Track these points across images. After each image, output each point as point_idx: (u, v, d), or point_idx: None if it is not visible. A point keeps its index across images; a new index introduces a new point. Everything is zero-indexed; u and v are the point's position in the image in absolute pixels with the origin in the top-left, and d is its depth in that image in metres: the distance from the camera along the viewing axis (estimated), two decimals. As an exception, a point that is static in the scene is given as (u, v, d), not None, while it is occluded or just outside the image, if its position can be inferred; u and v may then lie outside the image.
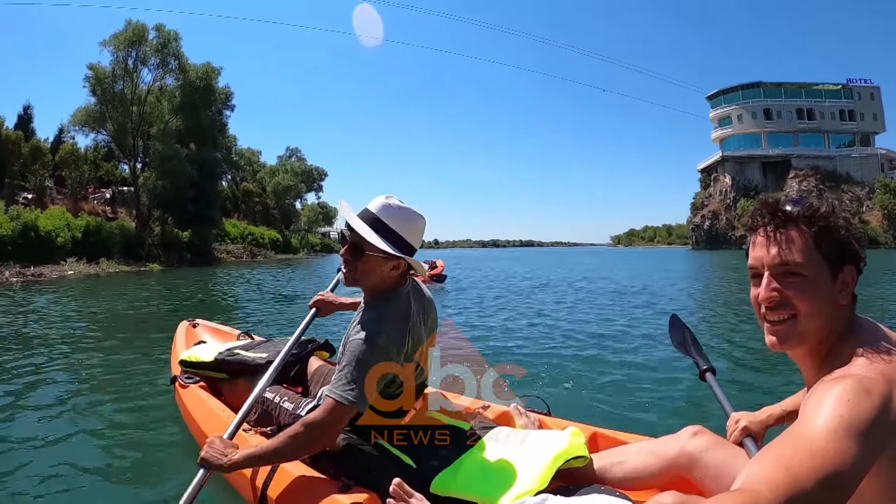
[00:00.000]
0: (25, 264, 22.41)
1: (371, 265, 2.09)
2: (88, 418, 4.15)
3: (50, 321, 9.70)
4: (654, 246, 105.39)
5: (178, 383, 3.25)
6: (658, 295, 13.43)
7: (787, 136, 72.18)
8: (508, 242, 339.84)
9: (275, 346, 3.16)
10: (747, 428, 1.88)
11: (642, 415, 4.04)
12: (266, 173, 66.94)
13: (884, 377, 1.14)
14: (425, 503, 1.77)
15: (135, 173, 36.34)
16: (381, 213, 2.10)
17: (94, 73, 33.66)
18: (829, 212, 1.27)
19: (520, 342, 7.27)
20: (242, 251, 46.32)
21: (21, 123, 36.96)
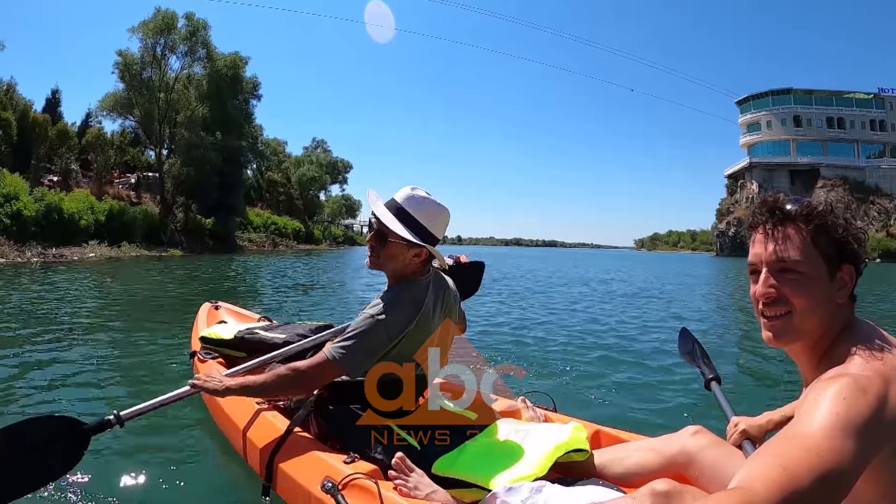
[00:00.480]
0: (47, 245, 22.74)
1: (393, 251, 2.22)
2: (106, 386, 4.36)
3: (68, 300, 9.93)
4: (677, 251, 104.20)
5: (197, 358, 3.41)
6: (677, 300, 13.31)
7: (816, 145, 70.52)
8: (531, 242, 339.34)
9: (293, 328, 3.33)
10: (746, 431, 1.92)
11: (647, 416, 4.06)
12: (291, 164, 67.22)
13: (880, 376, 1.14)
14: (426, 479, 1.90)
15: (160, 159, 36.74)
16: (405, 203, 2.23)
17: (122, 60, 34.02)
18: (827, 210, 1.27)
19: (533, 337, 7.37)
20: (264, 240, 46.58)
21: (49, 107, 37.45)
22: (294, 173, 65.55)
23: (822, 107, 71.44)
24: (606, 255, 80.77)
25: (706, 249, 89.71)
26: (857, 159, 69.88)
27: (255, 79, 41.85)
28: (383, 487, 1.85)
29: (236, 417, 2.64)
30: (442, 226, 2.30)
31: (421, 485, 1.88)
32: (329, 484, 1.91)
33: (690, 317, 10.29)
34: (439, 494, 1.87)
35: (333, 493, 1.87)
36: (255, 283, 15.96)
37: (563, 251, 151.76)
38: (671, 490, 1.49)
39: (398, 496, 1.83)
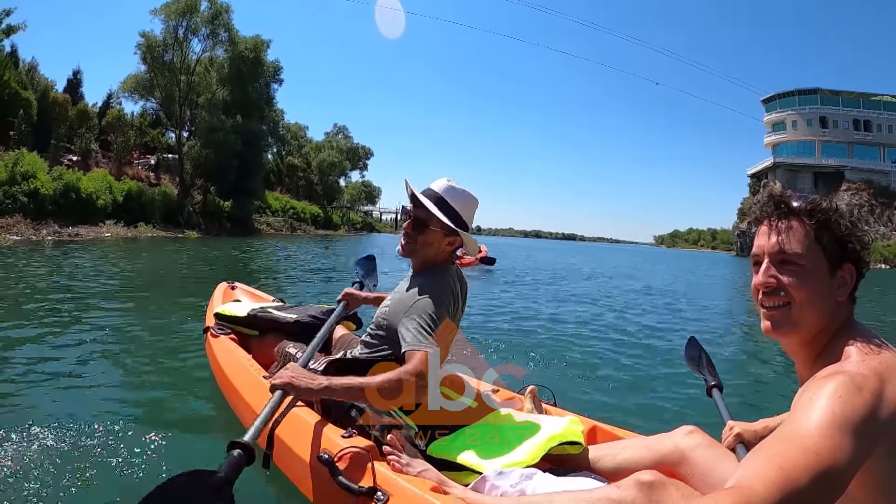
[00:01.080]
0: (64, 224, 22.83)
1: (430, 238, 2.31)
2: (119, 359, 4.56)
3: (80, 277, 9.99)
4: (697, 249, 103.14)
5: (210, 333, 3.47)
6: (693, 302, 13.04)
7: (841, 147, 68.42)
8: (550, 234, 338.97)
9: (305, 310, 3.34)
10: (741, 435, 1.96)
11: (645, 416, 4.07)
12: (311, 149, 67.14)
13: (875, 374, 1.15)
14: (419, 458, 1.96)
15: (180, 141, 36.82)
16: (444, 192, 2.32)
17: (145, 41, 34.06)
18: (832, 208, 1.29)
19: (538, 329, 7.39)
20: (282, 224, 46.71)
21: (70, 87, 37.58)
22: (314, 158, 65.46)
23: (849, 108, 69.40)
24: (625, 251, 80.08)
25: (726, 249, 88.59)
26: (882, 163, 67.82)
27: (276, 63, 41.84)
28: (377, 463, 1.89)
29: (243, 390, 2.72)
30: (473, 214, 2.40)
31: (414, 462, 1.91)
32: (325, 456, 1.96)
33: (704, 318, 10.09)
34: (431, 473, 1.88)
35: (329, 465, 1.92)
36: (268, 266, 15.98)
37: (583, 245, 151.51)
38: (656, 481, 1.49)
39: (391, 471, 1.87)
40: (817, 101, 70.52)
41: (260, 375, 2.72)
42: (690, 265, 36.10)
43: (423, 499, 1.74)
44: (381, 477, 1.84)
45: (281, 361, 2.87)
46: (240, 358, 3.03)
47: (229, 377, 2.93)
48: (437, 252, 2.34)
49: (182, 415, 3.47)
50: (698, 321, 9.67)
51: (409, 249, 2.34)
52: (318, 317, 3.21)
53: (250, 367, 2.88)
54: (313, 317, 3.22)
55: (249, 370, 2.84)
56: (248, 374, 2.79)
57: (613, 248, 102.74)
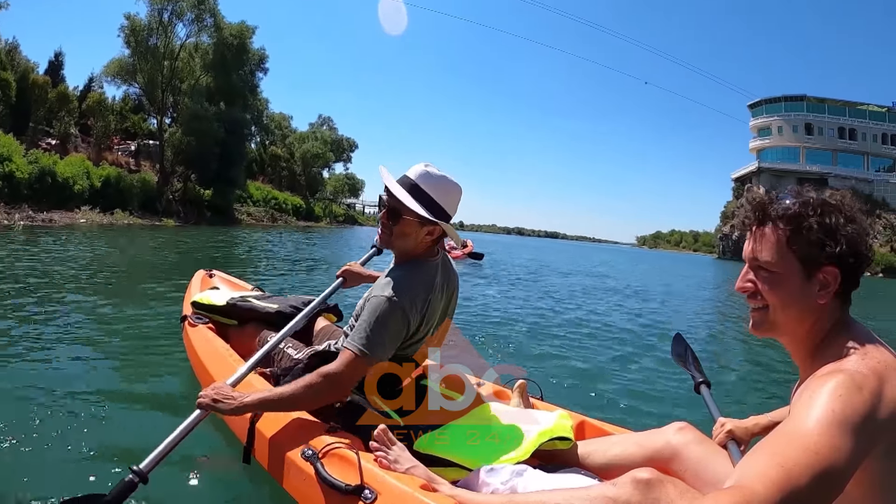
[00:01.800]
0: (39, 209, 22.29)
1: (407, 229, 2.19)
2: (93, 348, 4.39)
3: (49, 264, 9.64)
4: (679, 251, 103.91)
5: (188, 322, 3.36)
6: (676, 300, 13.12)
7: (826, 154, 69.86)
8: (533, 232, 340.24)
9: (286, 300, 3.23)
10: (732, 432, 1.94)
11: (633, 411, 4.09)
12: (295, 139, 66.43)
13: (875, 373, 1.15)
14: (406, 453, 1.88)
15: (161, 127, 36.23)
16: (419, 179, 2.18)
17: (129, 24, 33.42)
18: (802, 213, 1.29)
19: (524, 324, 7.40)
20: (263, 214, 46.11)
21: (51, 69, 36.75)
22: (298, 149, 64.77)
23: (835, 116, 70.78)
24: (606, 251, 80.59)
25: (708, 251, 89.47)
26: (866, 171, 69.23)
27: (262, 51, 41.36)
28: (364, 458, 1.83)
29: (219, 377, 2.53)
30: (454, 203, 2.25)
31: (401, 458, 1.87)
32: (309, 452, 1.92)
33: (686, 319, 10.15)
34: (419, 470, 1.84)
35: (313, 462, 1.87)
36: (241, 256, 15.72)
37: (566, 243, 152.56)
38: (653, 478, 1.47)
39: (378, 468, 1.82)
40: (803, 108, 71.85)
41: (238, 365, 2.55)
42: (670, 266, 36.26)
43: (413, 497, 1.69)
44: (368, 474, 1.78)
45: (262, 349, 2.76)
46: (218, 348, 2.94)
47: (208, 368, 2.82)
48: (415, 243, 2.23)
49: (158, 406, 3.33)
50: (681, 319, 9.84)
51: (386, 240, 2.26)
52: (298, 307, 3.06)
53: (230, 357, 2.79)
54: (294, 307, 3.09)
55: (229, 360, 2.74)
56: (228, 365, 2.67)
57: (595, 248, 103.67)
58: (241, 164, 39.90)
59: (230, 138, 36.46)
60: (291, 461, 1.98)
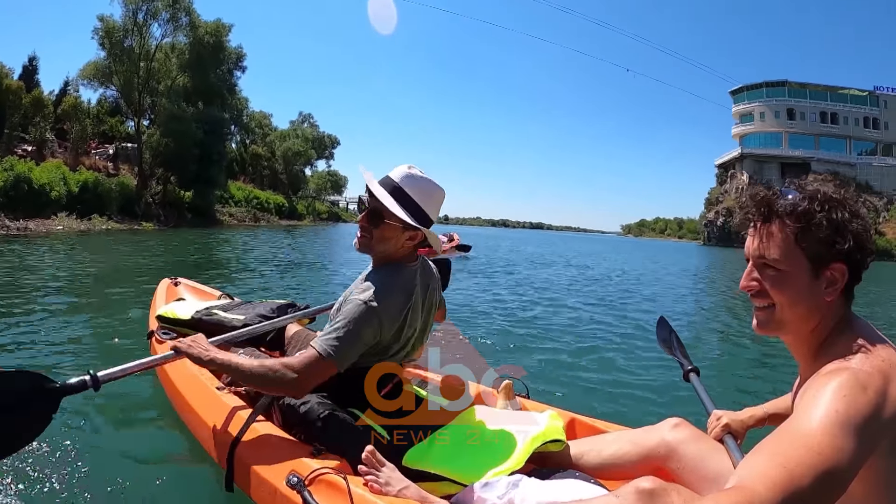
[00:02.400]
0: (15, 217, 21.87)
1: (388, 233, 2.11)
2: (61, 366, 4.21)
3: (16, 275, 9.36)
4: (664, 238, 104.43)
5: (155, 338, 3.23)
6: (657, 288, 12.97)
7: (808, 139, 70.21)
8: (518, 223, 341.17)
9: (253, 308, 3.16)
10: (728, 425, 1.89)
11: (623, 407, 4.01)
12: (276, 137, 65.96)
13: (880, 372, 1.14)
14: (396, 473, 1.81)
15: (139, 130, 35.75)
16: (402, 182, 2.10)
17: (103, 25, 32.92)
18: (811, 209, 1.25)
19: (505, 319, 7.25)
20: (245, 214, 45.81)
21: (25, 74, 35.94)
22: (279, 147, 64.34)
23: (817, 101, 71.08)
24: (591, 240, 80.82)
25: (692, 238, 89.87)
26: (848, 155, 69.71)
27: (239, 49, 41.24)
28: (353, 483, 1.75)
29: (195, 402, 2.51)
30: (437, 207, 2.18)
31: (392, 480, 1.79)
32: (295, 479, 1.82)
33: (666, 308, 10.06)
34: (411, 490, 1.78)
35: (300, 489, 1.78)
36: (222, 258, 15.49)
37: (551, 234, 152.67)
38: (656, 488, 1.42)
39: (369, 493, 1.74)
40: (785, 94, 72.18)
41: (212, 386, 2.52)
42: (653, 254, 36.37)
43: None
44: (358, 500, 1.71)
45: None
46: (188, 365, 2.72)
47: (178, 387, 2.72)
48: (396, 247, 2.14)
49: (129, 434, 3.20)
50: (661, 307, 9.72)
51: (365, 244, 2.15)
52: (267, 315, 3.00)
53: (200, 375, 2.65)
54: (263, 315, 3.00)
55: (200, 379, 2.61)
56: (198, 383, 2.58)
57: (579, 238, 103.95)
58: (220, 164, 39.35)
59: (209, 138, 36.02)
60: (276, 489, 1.88)
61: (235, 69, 41.84)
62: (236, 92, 43.95)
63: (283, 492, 1.84)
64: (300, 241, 26.00)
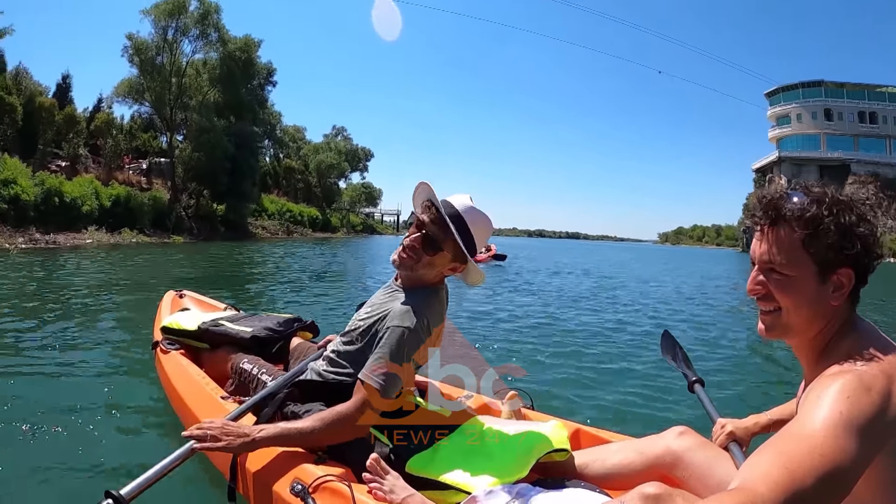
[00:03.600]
0: (46, 231, 22.25)
1: (438, 262, 2.07)
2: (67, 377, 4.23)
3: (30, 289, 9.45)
4: (701, 246, 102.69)
5: (160, 349, 3.24)
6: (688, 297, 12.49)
7: (847, 140, 67.47)
8: (554, 233, 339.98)
9: (259, 320, 3.15)
10: (733, 433, 1.88)
11: (627, 416, 3.98)
12: (309, 150, 66.65)
13: (883, 373, 1.13)
14: (401, 481, 1.78)
15: (171, 144, 36.34)
16: (465, 213, 2.07)
17: (132, 44, 33.58)
18: (818, 214, 1.24)
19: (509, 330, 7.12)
20: (278, 227, 46.25)
21: (59, 92, 36.93)
22: (312, 160, 64.84)
23: (854, 101, 68.50)
24: (626, 249, 79.76)
25: (731, 245, 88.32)
26: (889, 155, 66.51)
27: (269, 65, 41.83)
28: (357, 491, 1.75)
29: (199, 411, 2.49)
30: (485, 241, 2.17)
31: (397, 488, 1.76)
32: (299, 486, 1.80)
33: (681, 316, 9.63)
34: (416, 499, 1.74)
35: (304, 497, 1.77)
36: (244, 271, 15.33)
37: (587, 243, 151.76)
38: (662, 493, 1.40)
39: (373, 501, 1.72)
40: (822, 94, 69.69)
41: (217, 395, 2.52)
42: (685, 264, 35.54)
43: None
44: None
45: (236, 378, 2.68)
46: (193, 375, 2.81)
47: (183, 397, 2.71)
48: (436, 275, 2.12)
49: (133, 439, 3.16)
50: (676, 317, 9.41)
51: (409, 265, 2.08)
52: (274, 329, 3.03)
53: (205, 385, 2.66)
54: (269, 329, 3.03)
55: (205, 389, 2.62)
56: (204, 393, 2.59)
57: (615, 247, 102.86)
58: (252, 177, 39.89)
59: (240, 152, 36.55)
60: (280, 497, 1.86)
61: (266, 84, 42.46)
62: (267, 106, 44.45)
63: (286, 500, 1.82)
64: (328, 254, 25.95)
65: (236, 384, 2.66)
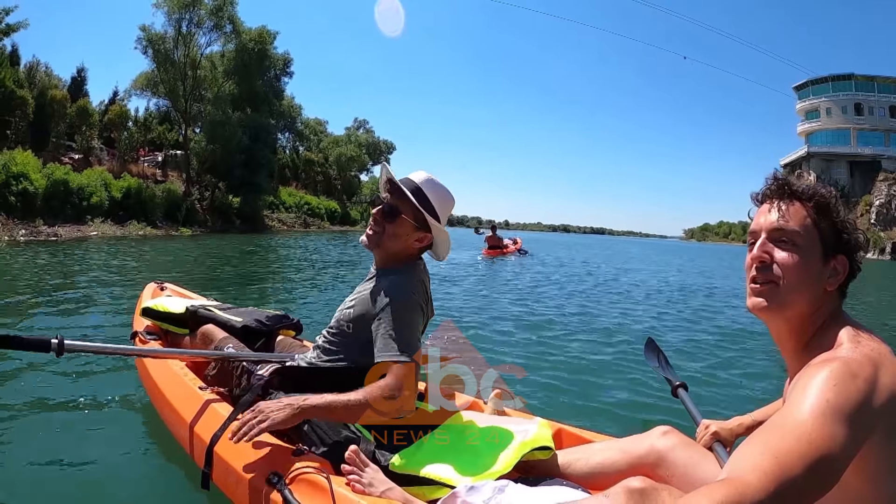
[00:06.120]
0: (54, 223, 22.14)
1: (400, 230, 2.15)
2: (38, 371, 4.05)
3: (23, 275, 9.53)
4: (727, 242, 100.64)
5: (139, 339, 3.20)
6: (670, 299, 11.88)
7: (878, 135, 65.20)
8: (579, 229, 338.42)
9: (250, 313, 3.10)
10: (717, 433, 1.91)
11: (610, 417, 3.95)
12: (329, 143, 66.32)
13: (870, 360, 1.15)
14: (380, 475, 1.79)
15: (186, 137, 36.40)
16: (423, 184, 2.18)
17: (145, 35, 33.50)
18: (831, 196, 1.32)
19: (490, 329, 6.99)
20: (295, 220, 46.13)
21: (74, 85, 37.18)
22: (332, 153, 64.64)
23: (886, 95, 66.06)
24: (648, 245, 78.79)
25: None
26: None
27: (286, 55, 41.70)
28: (335, 483, 1.72)
29: (175, 400, 2.50)
30: (448, 214, 2.25)
31: (376, 481, 1.76)
32: (275, 478, 1.78)
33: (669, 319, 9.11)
34: (395, 492, 1.75)
35: (280, 488, 1.74)
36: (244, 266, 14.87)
37: (611, 239, 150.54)
38: (647, 487, 1.45)
39: (351, 493, 1.70)
40: (852, 88, 67.68)
41: (195, 386, 2.49)
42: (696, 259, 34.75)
43: None
44: (340, 500, 1.68)
45: (219, 362, 2.63)
46: (171, 366, 2.76)
47: (158, 384, 2.69)
48: (403, 246, 2.18)
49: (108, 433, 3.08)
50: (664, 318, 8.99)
51: (375, 240, 2.17)
52: (263, 322, 3.02)
53: (183, 375, 2.64)
54: (259, 321, 3.01)
55: (183, 379, 2.60)
56: (180, 382, 2.58)
57: (638, 242, 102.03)
58: (268, 169, 39.75)
59: (255, 144, 36.47)
60: (255, 488, 1.84)
61: (283, 75, 42.37)
62: (284, 98, 44.29)
63: (262, 490, 1.80)
64: (340, 247, 25.74)
65: (219, 367, 2.63)
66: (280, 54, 40.66)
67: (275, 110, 41.57)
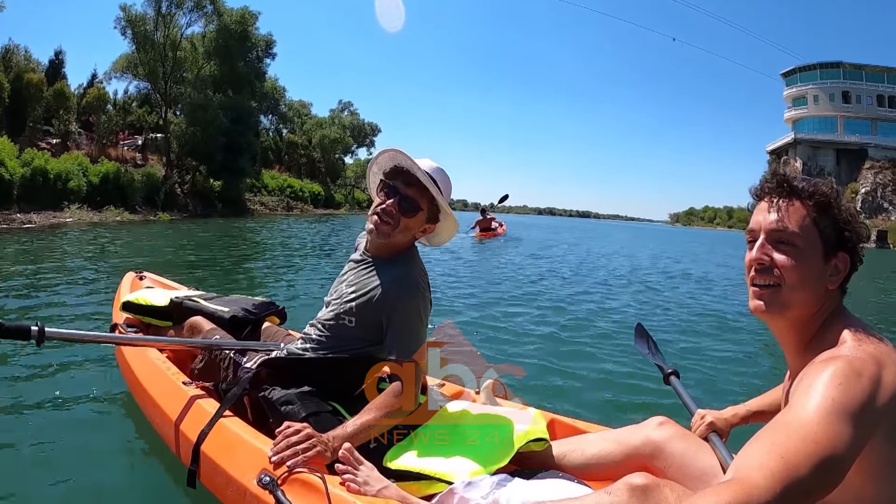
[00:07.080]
0: (31, 210, 21.61)
1: (414, 224, 2.10)
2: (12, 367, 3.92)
3: None
4: (713, 228, 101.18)
5: (118, 331, 3.14)
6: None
7: (865, 124, 65.42)
8: (565, 212, 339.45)
9: (236, 302, 3.05)
10: (713, 423, 1.90)
11: (603, 406, 3.97)
12: (313, 125, 65.38)
13: (873, 359, 1.15)
14: (375, 472, 1.76)
15: (167, 120, 35.83)
16: (434, 174, 2.10)
17: (125, 15, 32.85)
18: (833, 193, 1.31)
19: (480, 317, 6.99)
20: (277, 203, 45.70)
21: (52, 69, 36.36)
22: (315, 135, 63.99)
23: (873, 83, 66.36)
24: (636, 229, 78.97)
25: (742, 228, 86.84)
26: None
27: (268, 36, 40.77)
28: (330, 482, 1.66)
29: (159, 396, 2.44)
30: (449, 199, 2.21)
31: (371, 479, 1.72)
32: (267, 478, 1.71)
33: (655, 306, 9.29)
34: (391, 490, 1.72)
35: (272, 489, 1.67)
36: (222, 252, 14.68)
37: (596, 223, 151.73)
38: (649, 484, 1.43)
39: (346, 492, 1.65)
40: (840, 75, 67.96)
41: (179, 381, 2.43)
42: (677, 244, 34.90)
43: None
44: (335, 499, 1.62)
45: (206, 355, 2.57)
46: (154, 360, 2.68)
47: (141, 380, 2.64)
48: (409, 239, 2.15)
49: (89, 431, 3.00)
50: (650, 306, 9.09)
51: (387, 232, 2.08)
52: (250, 311, 2.96)
53: (166, 369, 2.57)
54: (246, 310, 2.95)
55: (166, 374, 2.53)
56: (164, 377, 2.51)
57: (624, 226, 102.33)
58: (250, 152, 39.16)
59: (237, 127, 35.81)
60: (245, 489, 1.77)
61: (265, 56, 41.70)
62: (267, 79, 43.79)
63: (253, 491, 1.75)
64: (321, 231, 25.63)
65: (206, 360, 2.57)
66: (263, 35, 39.86)
67: (257, 92, 40.86)
